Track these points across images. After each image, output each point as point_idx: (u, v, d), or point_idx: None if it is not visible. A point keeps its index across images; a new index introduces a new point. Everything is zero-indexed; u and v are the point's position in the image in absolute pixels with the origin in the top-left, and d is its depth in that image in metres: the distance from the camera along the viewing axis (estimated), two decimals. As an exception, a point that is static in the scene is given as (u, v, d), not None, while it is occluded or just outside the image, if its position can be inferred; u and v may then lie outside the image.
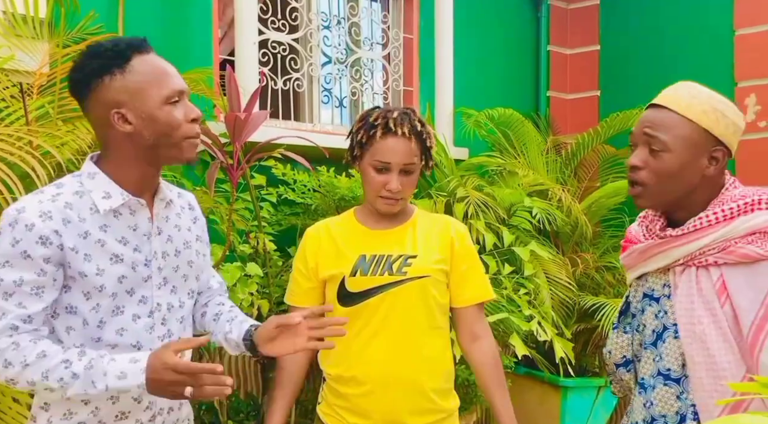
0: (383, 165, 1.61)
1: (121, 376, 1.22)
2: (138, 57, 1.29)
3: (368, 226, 1.72)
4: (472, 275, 1.74)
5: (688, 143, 1.29)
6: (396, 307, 1.64)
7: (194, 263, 1.45)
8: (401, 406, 1.65)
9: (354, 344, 1.66)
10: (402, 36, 3.74)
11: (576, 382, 3.35)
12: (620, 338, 1.47)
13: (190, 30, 2.94)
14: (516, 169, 3.46)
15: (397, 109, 1.66)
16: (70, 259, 1.26)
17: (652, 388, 1.36)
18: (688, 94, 1.32)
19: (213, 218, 2.65)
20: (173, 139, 1.30)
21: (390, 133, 1.60)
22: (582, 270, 3.39)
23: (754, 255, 1.23)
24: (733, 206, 1.27)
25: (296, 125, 3.32)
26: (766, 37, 3.47)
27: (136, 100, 1.27)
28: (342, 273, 1.67)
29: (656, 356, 1.36)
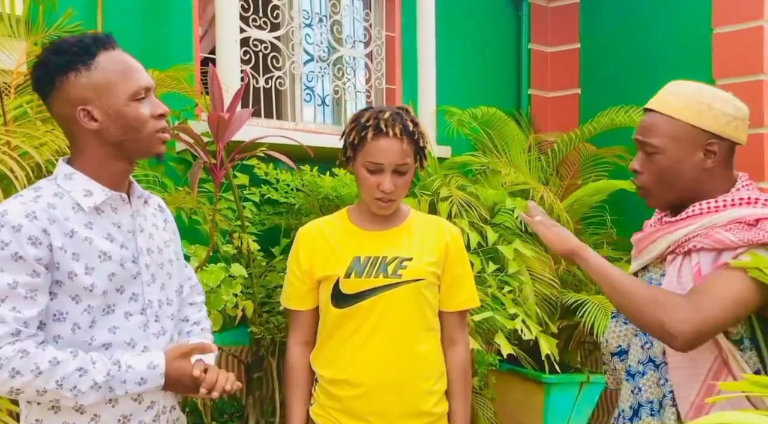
0: (376, 166, 1.60)
1: (140, 382, 1.28)
2: (104, 53, 1.28)
3: (362, 227, 1.70)
4: (463, 282, 1.74)
5: (676, 141, 1.33)
6: (390, 309, 1.63)
7: (173, 262, 1.45)
8: (394, 408, 1.64)
9: (347, 346, 1.66)
10: (384, 34, 3.73)
11: (558, 378, 3.37)
12: (618, 328, 1.48)
13: (169, 28, 2.91)
14: (499, 168, 3.47)
15: (389, 108, 1.64)
16: (58, 259, 1.24)
17: (641, 374, 1.38)
18: (674, 93, 1.36)
19: (195, 219, 2.62)
20: (141, 134, 1.30)
21: (381, 134, 1.58)
22: (564, 267, 3.42)
23: (727, 242, 1.25)
24: (727, 199, 1.30)
25: (278, 124, 3.30)
26: (744, 36, 3.51)
27: (102, 97, 1.26)
28: (336, 274, 1.65)
29: (646, 343, 1.39)
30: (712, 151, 1.33)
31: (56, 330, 1.26)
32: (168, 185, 2.58)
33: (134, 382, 1.26)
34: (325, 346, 1.71)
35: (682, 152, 1.33)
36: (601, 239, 3.73)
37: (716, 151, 1.33)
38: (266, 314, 2.65)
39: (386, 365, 1.63)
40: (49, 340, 1.26)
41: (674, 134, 1.32)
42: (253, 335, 2.64)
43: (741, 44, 3.51)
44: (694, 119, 1.32)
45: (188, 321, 1.55)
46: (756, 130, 3.43)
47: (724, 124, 1.33)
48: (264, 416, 2.75)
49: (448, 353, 1.76)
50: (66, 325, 1.26)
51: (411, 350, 1.65)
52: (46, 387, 1.20)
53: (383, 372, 1.63)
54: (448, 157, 3.67)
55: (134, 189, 1.39)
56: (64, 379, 1.21)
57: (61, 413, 1.27)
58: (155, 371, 1.28)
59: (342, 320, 1.66)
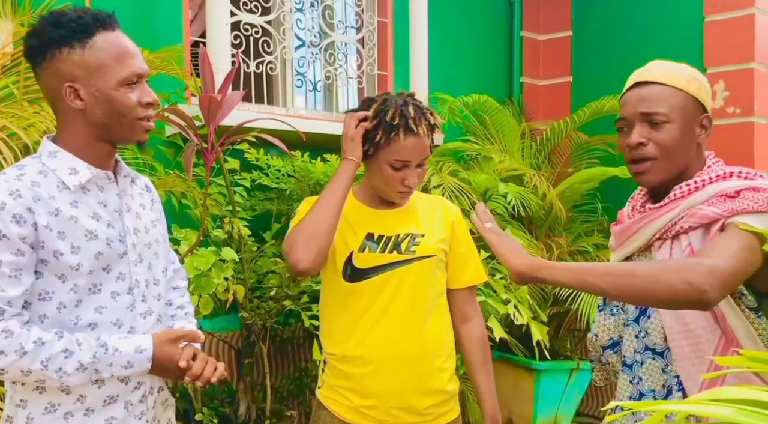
0: (402, 164, 1.60)
1: (127, 365, 1.27)
2: (102, 34, 1.25)
3: (372, 206, 1.71)
4: (470, 258, 1.76)
5: (684, 112, 1.32)
6: (404, 285, 1.64)
7: (160, 242, 1.44)
8: (407, 385, 1.64)
9: (360, 322, 1.64)
10: (376, 20, 3.71)
11: (549, 365, 3.39)
12: (607, 320, 1.46)
13: (159, 10, 2.87)
14: (491, 155, 3.47)
15: (406, 100, 1.62)
16: (43, 238, 1.21)
17: (639, 364, 1.37)
18: (668, 68, 1.36)
19: (186, 203, 2.60)
20: (125, 120, 1.28)
21: (411, 134, 1.58)
22: (556, 255, 3.42)
23: (712, 215, 1.24)
24: (704, 178, 1.30)
25: (269, 109, 3.27)
26: (735, 24, 3.52)
27: (92, 78, 1.24)
28: (349, 248, 1.64)
29: (640, 332, 1.37)
30: (704, 126, 1.35)
31: (42, 310, 1.24)
32: (158, 169, 2.55)
33: (120, 365, 1.26)
34: (338, 323, 1.69)
35: (687, 124, 1.33)
36: (592, 227, 3.74)
37: (707, 126, 1.35)
38: (257, 299, 2.63)
39: (399, 341, 1.63)
40: (35, 319, 1.24)
41: (682, 104, 1.32)
42: (244, 320, 2.62)
43: (732, 32, 3.52)
44: (696, 92, 1.33)
45: (172, 305, 1.53)
46: (746, 118, 3.45)
47: (710, 100, 1.37)
48: (255, 401, 2.74)
49: (463, 330, 1.77)
50: (52, 304, 1.24)
51: (423, 327, 1.66)
52: (31, 367, 1.19)
53: (396, 348, 1.63)
54: (441, 144, 3.66)
55: (120, 168, 1.37)
56: (49, 359, 1.19)
57: (46, 394, 1.25)
58: (142, 355, 1.28)
59: (353, 296, 1.65)
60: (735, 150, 3.45)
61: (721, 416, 0.59)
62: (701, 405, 0.62)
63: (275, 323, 2.73)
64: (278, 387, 3.03)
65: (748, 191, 1.24)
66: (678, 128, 1.32)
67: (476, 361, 1.76)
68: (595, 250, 3.56)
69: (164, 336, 1.33)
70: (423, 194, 1.82)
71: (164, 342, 1.32)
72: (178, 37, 2.90)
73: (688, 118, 1.33)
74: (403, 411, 1.65)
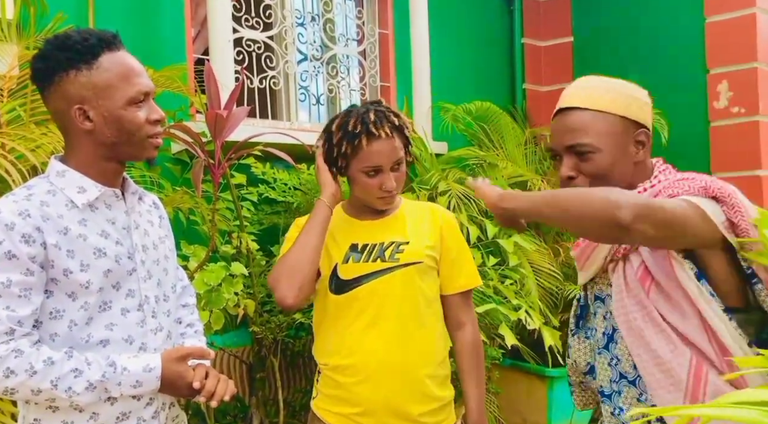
0: (375, 169, 1.60)
1: (136, 384, 1.27)
2: (107, 54, 1.27)
3: (357, 217, 1.72)
4: (462, 263, 1.74)
5: (611, 137, 1.25)
6: (390, 293, 1.64)
7: (169, 259, 1.45)
8: (399, 394, 1.64)
9: (350, 332, 1.66)
10: (377, 32, 3.72)
11: (561, 372, 3.36)
12: (582, 344, 1.41)
13: (162, 30, 2.89)
14: (496, 162, 3.47)
15: (368, 108, 1.63)
16: (53, 257, 1.22)
17: (618, 393, 1.30)
18: (589, 88, 1.28)
19: (194, 219, 2.60)
20: (134, 138, 1.29)
21: (374, 138, 1.58)
22: (564, 259, 3.41)
23: None
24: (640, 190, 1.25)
25: (274, 124, 3.28)
26: (736, 24, 3.52)
27: (100, 99, 1.25)
28: (334, 261, 1.66)
29: (612, 359, 1.31)
30: (641, 142, 1.28)
31: (53, 328, 1.25)
32: (165, 186, 2.56)
33: (129, 384, 1.26)
34: (328, 334, 1.71)
35: (618, 147, 1.25)
36: (599, 231, 3.72)
37: (644, 142, 1.28)
38: (267, 313, 2.63)
39: (389, 350, 1.63)
40: (46, 338, 1.24)
41: (608, 129, 1.25)
42: (255, 334, 2.62)
43: (734, 32, 3.52)
44: (624, 110, 1.25)
45: (182, 323, 1.54)
46: (751, 117, 3.44)
47: (646, 112, 1.29)
48: (268, 416, 2.73)
49: (456, 336, 1.76)
50: (63, 322, 1.25)
51: (413, 334, 1.65)
52: (41, 387, 1.19)
53: (386, 357, 1.63)
54: (445, 152, 3.66)
55: (128, 185, 1.38)
56: (59, 379, 1.20)
57: (59, 412, 1.26)
58: (151, 374, 1.28)
59: (342, 307, 1.67)
60: (741, 150, 3.44)
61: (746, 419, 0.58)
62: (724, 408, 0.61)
63: (286, 336, 2.72)
64: (290, 401, 3.02)
65: (683, 181, 1.20)
66: (607, 155, 1.25)
67: (466, 368, 1.74)
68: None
69: (173, 354, 1.33)
70: (413, 202, 1.83)
71: (173, 360, 1.32)
72: (182, 55, 2.92)
73: (618, 140, 1.25)
74: (396, 419, 1.65)
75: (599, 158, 1.25)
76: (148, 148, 1.32)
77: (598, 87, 1.27)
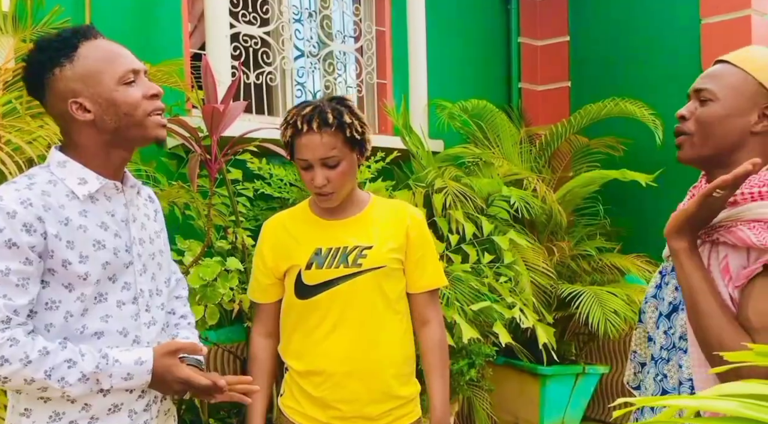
0: (304, 163, 1.61)
1: (127, 377, 1.26)
2: (85, 44, 1.27)
3: (323, 217, 1.71)
4: (426, 263, 1.74)
5: (737, 93, 1.26)
6: (353, 298, 1.64)
7: (163, 252, 1.45)
8: (363, 395, 1.66)
9: (312, 337, 1.67)
10: (374, 29, 3.73)
11: (554, 370, 3.39)
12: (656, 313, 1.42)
13: (158, 24, 2.89)
14: (492, 160, 3.48)
15: (314, 103, 1.62)
16: (53, 247, 1.22)
17: (665, 361, 1.34)
18: (755, 51, 1.30)
19: (189, 214, 2.61)
20: (135, 118, 1.28)
21: (300, 132, 1.58)
22: (558, 258, 3.43)
23: (748, 241, 1.18)
24: (754, 191, 1.22)
25: (270, 120, 3.28)
26: (732, 26, 3.54)
27: (90, 87, 1.25)
28: (298, 266, 1.66)
29: (670, 328, 1.35)
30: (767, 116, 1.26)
31: (48, 318, 1.25)
32: (161, 181, 2.56)
33: (120, 376, 1.26)
34: (292, 338, 1.72)
35: (737, 106, 1.26)
36: (594, 230, 3.74)
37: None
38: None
39: (352, 354, 1.65)
40: (41, 328, 1.25)
41: (736, 85, 1.26)
42: (249, 330, 2.62)
43: (729, 34, 3.53)
44: (765, 78, 1.25)
45: (175, 314, 1.54)
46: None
47: None
48: (261, 411, 2.73)
49: (421, 333, 1.77)
50: (58, 313, 1.25)
51: (376, 337, 1.66)
52: (34, 376, 1.19)
53: (350, 361, 1.65)
54: (441, 150, 3.67)
55: (127, 178, 1.38)
56: (52, 369, 1.20)
57: (51, 403, 1.26)
58: (142, 367, 1.28)
59: (306, 312, 1.68)
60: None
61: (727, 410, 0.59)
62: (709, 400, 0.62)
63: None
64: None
65: None
66: (723, 108, 1.26)
67: (432, 365, 1.75)
68: (597, 253, 3.57)
69: (164, 349, 1.32)
70: (382, 200, 1.80)
71: (164, 355, 1.31)
72: (179, 50, 2.92)
73: (742, 101, 1.25)
74: (358, 420, 1.67)
75: (714, 108, 1.26)
76: (151, 127, 1.31)
77: (758, 53, 1.29)
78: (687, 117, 1.31)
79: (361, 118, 1.64)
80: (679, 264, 1.24)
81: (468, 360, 2.86)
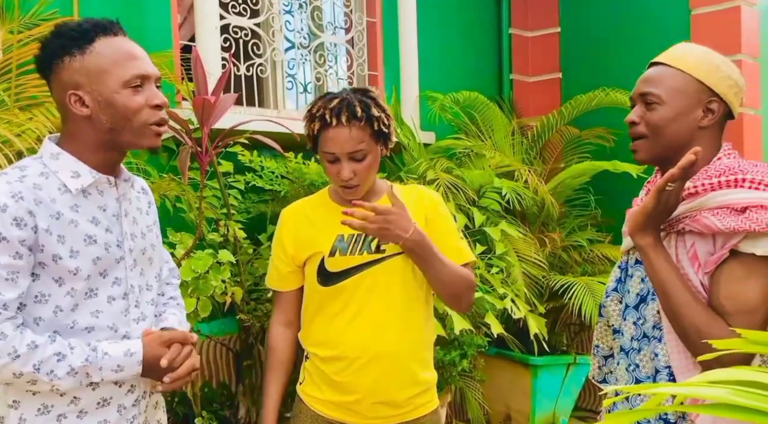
0: (331, 156, 1.59)
1: (117, 369, 1.27)
2: (103, 39, 1.25)
3: (343, 204, 1.69)
4: (447, 240, 1.71)
5: (680, 94, 1.33)
6: (377, 284, 1.64)
7: (155, 246, 1.44)
8: (385, 381, 1.65)
9: (335, 323, 1.66)
10: (365, 20, 3.72)
11: (546, 360, 3.40)
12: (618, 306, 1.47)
13: (148, 16, 2.87)
14: (483, 152, 3.48)
15: (341, 95, 1.61)
16: (43, 241, 1.21)
17: (636, 351, 1.38)
18: (685, 49, 1.36)
19: (181, 207, 2.60)
20: (132, 124, 1.27)
21: (328, 126, 1.57)
22: (550, 249, 3.44)
23: (714, 227, 1.24)
24: (714, 182, 1.28)
25: (261, 112, 3.27)
26: (721, 17, 3.55)
27: (93, 83, 1.24)
28: (321, 253, 1.65)
29: (639, 319, 1.38)
30: (711, 110, 1.34)
31: (37, 312, 1.24)
32: (151, 173, 2.55)
33: (110, 369, 1.26)
34: (313, 324, 1.71)
35: (683, 105, 1.33)
36: (585, 221, 3.76)
37: (715, 111, 1.33)
38: (254, 301, 2.63)
39: (376, 340, 1.64)
40: (30, 322, 1.24)
41: (679, 87, 1.33)
42: (242, 322, 2.63)
43: (719, 25, 3.54)
44: (702, 75, 1.32)
45: (164, 296, 1.55)
46: (735, 109, 3.48)
47: (727, 87, 1.34)
48: (254, 404, 2.74)
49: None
50: (48, 307, 1.25)
51: (399, 323, 1.66)
52: (23, 370, 1.19)
53: (373, 347, 1.64)
54: (433, 142, 3.67)
55: (122, 173, 1.37)
56: (41, 363, 1.20)
57: (39, 396, 1.25)
58: (132, 358, 1.28)
59: (329, 298, 1.67)
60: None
61: (715, 397, 0.60)
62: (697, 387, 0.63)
63: (273, 324, 2.73)
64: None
65: (756, 209, 1.22)
66: (670, 110, 1.33)
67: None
68: (588, 244, 3.58)
69: (155, 340, 1.33)
70: (400, 187, 1.79)
71: (155, 346, 1.32)
72: (168, 42, 2.90)
73: (686, 100, 1.32)
74: (382, 405, 1.66)
75: (662, 110, 1.33)
76: (148, 135, 1.29)
77: (690, 51, 1.36)
78: (637, 122, 1.37)
79: (386, 110, 1.64)
80: (647, 259, 1.29)
81: (460, 351, 2.88)
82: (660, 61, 1.38)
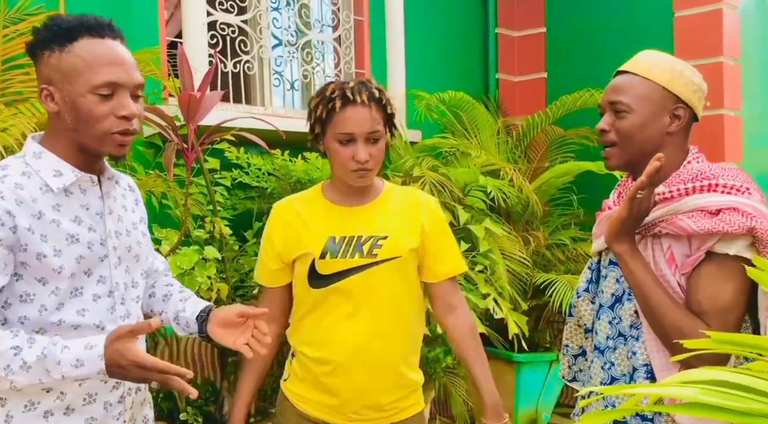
0: (347, 136, 1.56)
1: (77, 364, 1.17)
2: (87, 40, 1.24)
3: (337, 202, 1.67)
4: (445, 250, 1.72)
5: (647, 102, 1.37)
6: (368, 289, 1.62)
7: (141, 243, 1.44)
8: (373, 385, 1.65)
9: (324, 325, 1.65)
10: (352, 18, 3.72)
11: (528, 357, 3.44)
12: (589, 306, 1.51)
13: (134, 11, 2.85)
14: (469, 151, 3.51)
15: (353, 79, 1.62)
16: (26, 241, 1.21)
17: (612, 349, 1.41)
18: (649, 58, 1.41)
19: (166, 203, 2.60)
20: (93, 130, 1.25)
21: (349, 103, 1.55)
22: (533, 248, 3.48)
23: (689, 229, 1.28)
24: (689, 187, 1.33)
25: (248, 109, 3.27)
26: (704, 19, 3.60)
27: (64, 82, 1.24)
28: (311, 255, 1.63)
29: (614, 319, 1.42)
30: (678, 116, 1.38)
31: (23, 311, 1.24)
32: (137, 170, 2.54)
33: (70, 364, 1.16)
34: (303, 324, 1.70)
35: (650, 113, 1.37)
36: (568, 220, 3.80)
37: (681, 116, 1.38)
38: (240, 297, 2.64)
39: (364, 341, 1.63)
40: (15, 321, 1.24)
41: (645, 94, 1.37)
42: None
43: (701, 27, 3.59)
44: (666, 82, 1.37)
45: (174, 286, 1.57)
46: (715, 111, 3.53)
47: (691, 92, 1.39)
48: (239, 400, 2.75)
49: (450, 321, 1.75)
50: (33, 306, 1.24)
51: (390, 328, 1.65)
52: None
53: (360, 350, 1.63)
54: (419, 140, 3.69)
55: (106, 170, 1.37)
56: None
57: (25, 392, 1.24)
58: (92, 351, 1.16)
59: (319, 301, 1.65)
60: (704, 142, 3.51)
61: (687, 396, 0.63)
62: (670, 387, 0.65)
63: (258, 321, 2.74)
64: (262, 385, 3.04)
65: (728, 211, 1.26)
66: (639, 117, 1.37)
67: (469, 350, 1.73)
68: (572, 243, 3.62)
69: (115, 333, 1.20)
70: (397, 187, 1.77)
71: (114, 339, 1.19)
72: (155, 38, 2.89)
73: (653, 107, 1.37)
74: (369, 409, 1.66)
75: (631, 118, 1.37)
76: (109, 144, 1.27)
77: (654, 59, 1.40)
78: (608, 129, 1.42)
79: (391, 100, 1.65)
80: (624, 265, 1.34)
81: (444, 348, 2.90)
82: (626, 69, 1.42)
